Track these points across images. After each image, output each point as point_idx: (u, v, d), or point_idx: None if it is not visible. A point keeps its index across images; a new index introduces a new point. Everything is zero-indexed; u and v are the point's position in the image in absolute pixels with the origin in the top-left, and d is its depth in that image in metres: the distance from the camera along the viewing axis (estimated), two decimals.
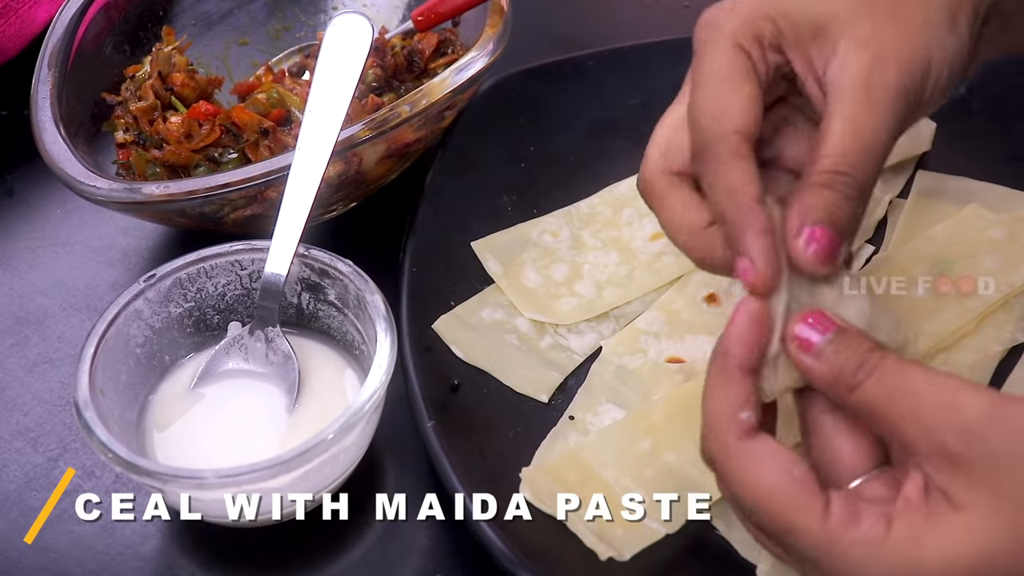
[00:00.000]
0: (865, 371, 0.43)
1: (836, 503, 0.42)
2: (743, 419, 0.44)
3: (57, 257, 0.72)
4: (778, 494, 0.43)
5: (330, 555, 0.57)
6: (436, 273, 0.65)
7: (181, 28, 0.78)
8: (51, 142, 0.65)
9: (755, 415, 0.45)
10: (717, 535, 0.55)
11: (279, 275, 0.58)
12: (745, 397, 0.45)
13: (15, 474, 0.60)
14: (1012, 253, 0.64)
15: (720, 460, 0.45)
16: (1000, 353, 0.61)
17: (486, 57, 0.67)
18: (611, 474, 0.56)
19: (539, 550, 0.53)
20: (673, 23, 0.85)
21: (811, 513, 0.42)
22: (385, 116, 0.64)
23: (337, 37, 0.62)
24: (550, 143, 0.73)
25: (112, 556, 0.57)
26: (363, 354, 0.59)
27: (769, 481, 0.43)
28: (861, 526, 0.41)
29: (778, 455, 0.43)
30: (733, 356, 0.45)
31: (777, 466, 0.43)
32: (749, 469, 0.44)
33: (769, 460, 0.43)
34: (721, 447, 0.45)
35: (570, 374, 0.63)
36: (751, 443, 0.44)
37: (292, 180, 0.59)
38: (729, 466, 0.44)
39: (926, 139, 0.71)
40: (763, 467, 0.43)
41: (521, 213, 0.70)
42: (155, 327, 0.59)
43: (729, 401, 0.45)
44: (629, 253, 0.68)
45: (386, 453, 0.60)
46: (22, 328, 0.68)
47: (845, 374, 0.43)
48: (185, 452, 0.56)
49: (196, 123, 0.68)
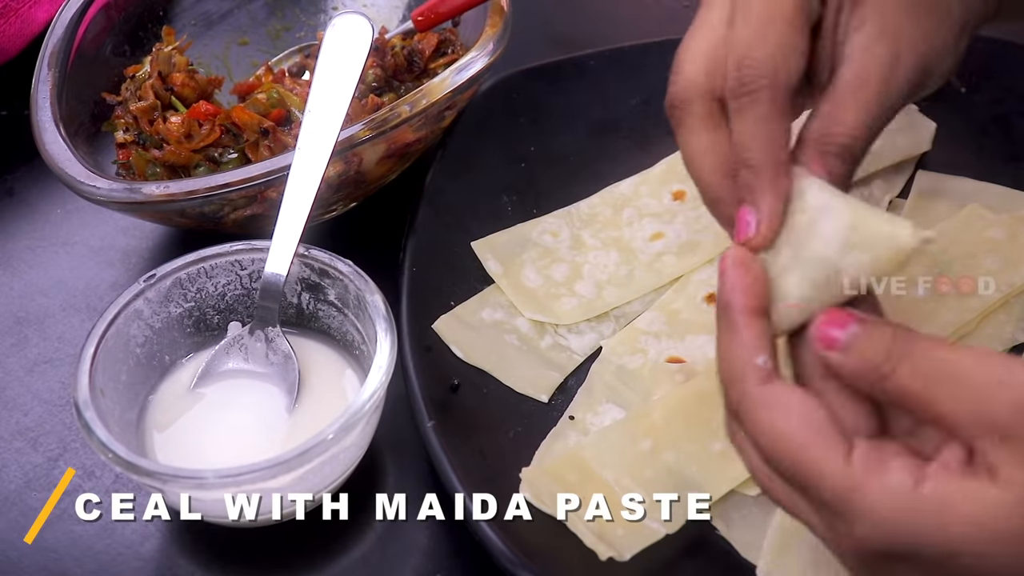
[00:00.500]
0: (896, 358, 0.42)
1: (860, 450, 0.41)
2: (759, 364, 0.44)
3: (57, 257, 0.72)
4: (800, 438, 0.42)
5: (330, 555, 0.57)
6: (436, 273, 0.65)
7: (181, 28, 0.78)
8: (51, 142, 0.65)
9: (771, 359, 0.44)
10: (717, 535, 0.55)
11: (279, 275, 0.58)
12: (757, 341, 0.44)
13: (15, 474, 0.60)
14: (1012, 253, 0.64)
15: (742, 408, 0.44)
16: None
17: (486, 57, 0.67)
18: (611, 474, 0.56)
19: (539, 550, 0.53)
20: (673, 23, 0.84)
21: (834, 457, 0.41)
22: (385, 116, 0.64)
23: (337, 37, 0.62)
24: (550, 143, 0.73)
25: (112, 556, 0.57)
26: (363, 354, 0.59)
27: (790, 426, 0.42)
28: (890, 475, 0.40)
29: (799, 401, 0.43)
30: (735, 304, 0.45)
31: (798, 411, 0.43)
32: (769, 414, 0.43)
33: (790, 405, 0.43)
34: (740, 395, 0.44)
35: (570, 374, 0.63)
36: (770, 388, 0.43)
37: (292, 180, 0.59)
38: (751, 413, 0.44)
39: (926, 139, 0.71)
40: (783, 412, 0.43)
41: (521, 213, 0.70)
42: (155, 327, 0.59)
43: (742, 349, 0.44)
44: (629, 253, 0.68)
45: (386, 453, 0.60)
46: (22, 328, 0.68)
47: (876, 365, 0.42)
48: (185, 452, 0.56)
49: (196, 123, 0.68)
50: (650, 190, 0.70)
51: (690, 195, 0.70)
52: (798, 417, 0.43)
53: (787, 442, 0.43)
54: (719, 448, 0.56)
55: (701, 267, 0.66)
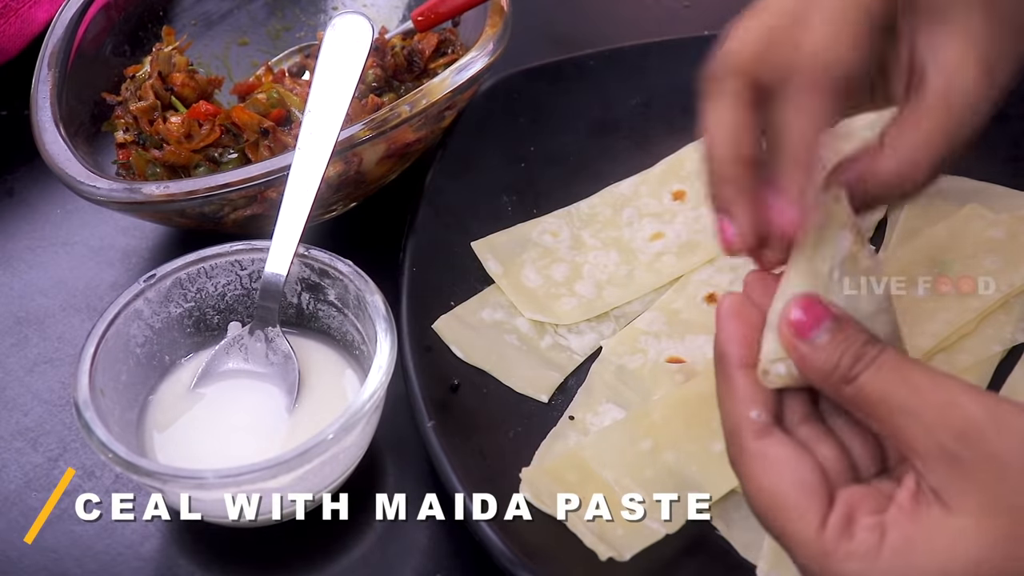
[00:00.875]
0: (863, 364, 0.42)
1: (835, 514, 0.42)
2: (754, 418, 0.44)
3: (57, 257, 0.72)
4: (780, 501, 0.42)
5: (330, 555, 0.57)
6: (436, 273, 0.65)
7: (181, 28, 0.78)
8: (51, 142, 0.65)
9: (766, 411, 0.44)
10: (717, 535, 0.55)
11: (279, 275, 0.58)
12: (751, 395, 0.45)
13: (15, 474, 0.60)
14: (1012, 253, 0.64)
15: (737, 462, 0.45)
16: (1000, 353, 0.61)
17: (486, 57, 0.67)
18: (611, 474, 0.56)
19: (539, 550, 0.53)
20: (673, 23, 0.85)
21: (809, 524, 0.41)
22: (385, 116, 0.64)
23: (337, 37, 0.62)
24: (550, 143, 0.73)
25: (112, 556, 0.57)
26: (363, 354, 0.59)
27: (775, 487, 0.43)
28: (855, 539, 0.41)
29: (788, 459, 0.43)
30: (728, 356, 0.45)
31: (786, 470, 0.43)
32: (758, 472, 0.43)
33: (779, 464, 0.43)
34: (737, 449, 0.44)
35: (570, 374, 0.63)
36: (764, 444, 0.44)
37: (292, 180, 0.59)
38: (743, 468, 0.44)
39: None
40: (771, 471, 0.43)
41: (521, 213, 0.70)
42: (155, 327, 0.59)
43: (736, 402, 0.45)
44: (629, 253, 0.68)
45: (386, 453, 0.60)
46: (22, 328, 0.68)
47: (842, 367, 0.42)
48: (185, 452, 0.56)
49: (196, 123, 0.68)
50: (650, 190, 0.70)
51: (690, 195, 0.70)
52: (786, 476, 0.43)
53: (771, 502, 0.43)
54: (719, 448, 0.55)
55: (701, 267, 0.66)
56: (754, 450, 0.44)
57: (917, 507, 0.40)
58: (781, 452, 0.43)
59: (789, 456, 0.43)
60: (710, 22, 0.68)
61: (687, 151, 0.72)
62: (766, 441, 0.44)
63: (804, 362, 0.43)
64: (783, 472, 0.43)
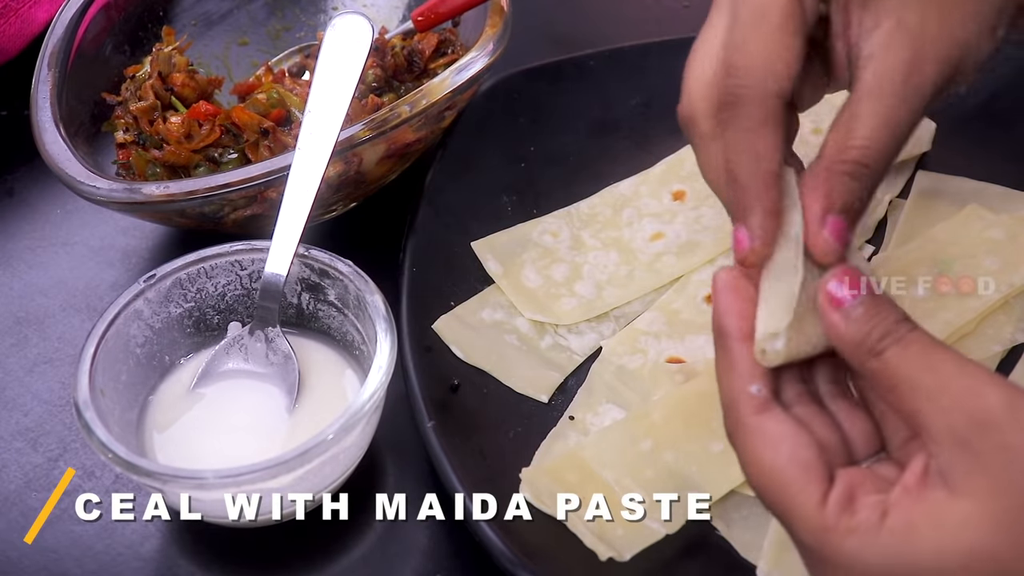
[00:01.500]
0: (892, 339, 0.42)
1: (836, 490, 0.41)
2: (754, 393, 0.44)
3: (57, 257, 0.72)
4: (780, 476, 0.42)
5: (330, 555, 0.57)
6: (436, 273, 0.65)
7: (181, 28, 0.78)
8: (51, 142, 0.65)
9: (766, 386, 0.44)
10: (717, 535, 0.55)
11: (279, 275, 0.58)
12: (751, 368, 0.44)
13: (15, 474, 0.60)
14: (1012, 253, 0.64)
15: (734, 436, 0.44)
16: (1000, 353, 0.61)
17: (486, 57, 0.67)
18: (611, 474, 0.56)
19: (539, 550, 0.53)
20: (673, 23, 0.85)
21: (809, 499, 0.41)
22: (385, 116, 0.64)
23: (337, 37, 0.62)
24: (550, 143, 0.73)
25: (112, 556, 0.57)
26: (363, 354, 0.59)
27: (774, 462, 0.43)
28: (857, 516, 0.41)
29: (787, 435, 0.43)
30: (728, 330, 0.45)
31: (785, 446, 0.43)
32: (758, 447, 0.43)
33: (778, 439, 0.43)
34: (734, 423, 0.44)
35: (570, 374, 0.63)
36: (762, 419, 0.43)
37: (292, 180, 0.59)
38: (741, 443, 0.44)
39: (926, 139, 0.71)
40: (771, 446, 0.43)
41: (521, 213, 0.70)
42: (155, 327, 0.59)
43: (736, 376, 0.45)
44: (629, 253, 0.68)
45: (386, 453, 0.60)
46: (22, 328, 0.68)
47: (871, 338, 0.42)
48: (185, 452, 0.56)
49: (196, 123, 0.68)
50: (650, 190, 0.70)
51: (690, 195, 0.70)
52: (785, 452, 0.43)
53: (770, 477, 0.43)
54: (719, 448, 0.56)
55: (701, 267, 0.66)
56: (753, 425, 0.44)
57: (923, 489, 0.40)
58: (780, 428, 0.43)
59: (787, 432, 0.43)
60: None
61: (687, 151, 0.72)
62: (764, 416, 0.44)
63: (835, 330, 0.43)
64: (782, 448, 0.43)
